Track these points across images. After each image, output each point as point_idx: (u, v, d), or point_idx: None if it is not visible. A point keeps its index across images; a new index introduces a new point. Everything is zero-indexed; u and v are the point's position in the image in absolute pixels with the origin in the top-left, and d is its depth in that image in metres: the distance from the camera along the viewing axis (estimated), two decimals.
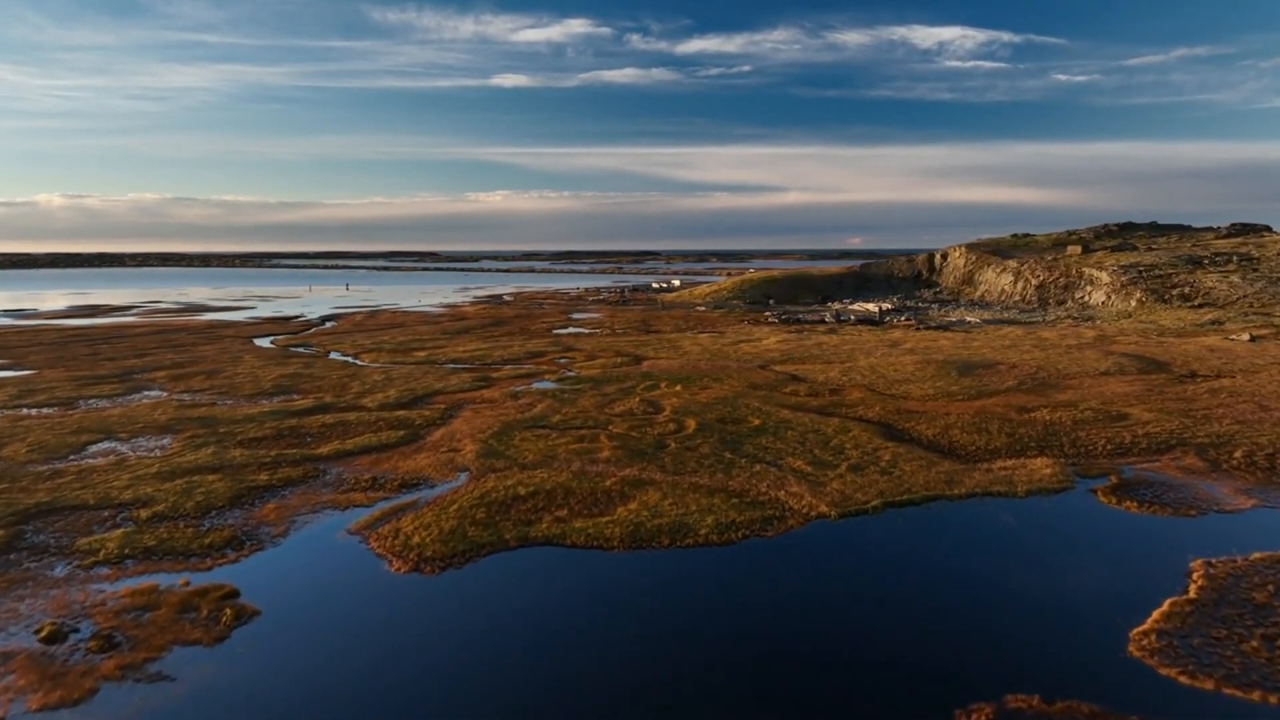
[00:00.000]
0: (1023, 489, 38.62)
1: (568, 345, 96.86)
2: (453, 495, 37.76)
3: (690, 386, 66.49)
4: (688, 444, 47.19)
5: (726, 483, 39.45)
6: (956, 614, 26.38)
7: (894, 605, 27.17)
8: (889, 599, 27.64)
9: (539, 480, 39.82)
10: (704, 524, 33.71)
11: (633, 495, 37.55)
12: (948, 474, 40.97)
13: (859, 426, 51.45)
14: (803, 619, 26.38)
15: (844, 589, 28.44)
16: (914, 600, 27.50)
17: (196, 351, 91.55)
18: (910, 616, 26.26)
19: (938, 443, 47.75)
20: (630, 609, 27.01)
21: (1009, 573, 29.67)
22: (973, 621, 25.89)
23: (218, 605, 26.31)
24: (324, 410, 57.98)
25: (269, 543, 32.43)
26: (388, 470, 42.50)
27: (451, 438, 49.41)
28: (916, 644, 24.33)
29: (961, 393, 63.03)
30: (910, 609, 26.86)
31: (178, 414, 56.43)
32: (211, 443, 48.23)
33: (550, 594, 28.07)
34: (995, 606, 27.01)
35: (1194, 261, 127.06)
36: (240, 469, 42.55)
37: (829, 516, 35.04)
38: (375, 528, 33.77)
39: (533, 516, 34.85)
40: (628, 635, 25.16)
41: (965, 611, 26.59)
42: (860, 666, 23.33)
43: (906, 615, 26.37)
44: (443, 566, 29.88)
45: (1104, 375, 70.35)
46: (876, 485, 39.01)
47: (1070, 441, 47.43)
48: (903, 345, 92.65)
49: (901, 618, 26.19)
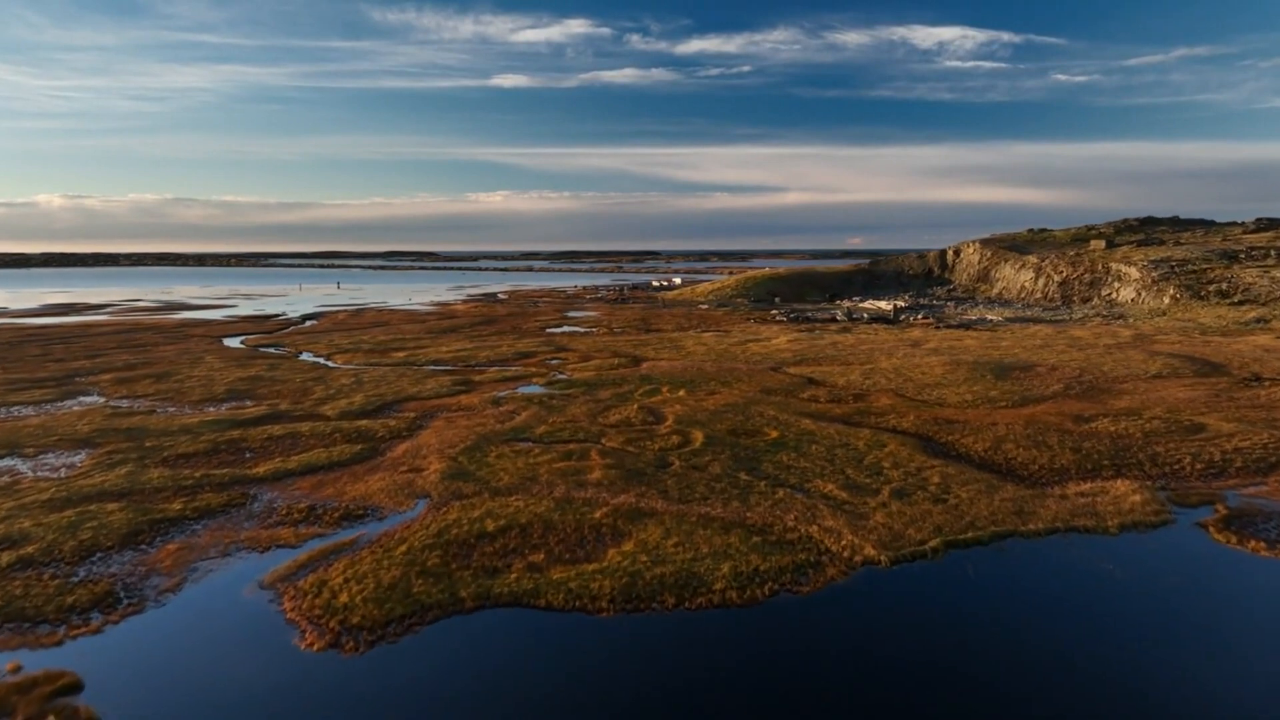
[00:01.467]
0: (1113, 523, 31.04)
1: (561, 345, 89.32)
2: (404, 531, 30.22)
3: (695, 391, 58.96)
4: (695, 462, 39.67)
5: (744, 514, 31.91)
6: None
7: (987, 700, 19.63)
8: (980, 690, 20.09)
9: (513, 511, 32.29)
10: (719, 574, 26.17)
11: (628, 532, 30.02)
12: (1015, 502, 33.42)
13: (894, 439, 43.90)
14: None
15: (914, 674, 20.89)
16: (1012, 695, 19.96)
17: (155, 352, 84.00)
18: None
19: (991, 460, 40.20)
20: (622, 707, 19.50)
21: (1135, 650, 22.10)
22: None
23: (41, 710, 18.77)
24: (275, 420, 50.43)
25: (152, 601, 24.88)
26: (330, 496, 34.95)
27: (416, 454, 41.86)
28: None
29: (1003, 398, 55.49)
30: (1011, 711, 19.32)
31: (105, 424, 48.90)
32: (130, 460, 40.71)
33: (513, 684, 20.54)
34: (1131, 707, 19.47)
35: (1229, 256, 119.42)
36: (151, 495, 35.01)
37: (878, 563, 27.48)
38: (296, 579, 26.23)
39: (500, 563, 27.30)
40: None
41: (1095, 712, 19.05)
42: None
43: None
44: (372, 640, 22.33)
45: (1157, 378, 62.85)
46: (931, 518, 31.45)
47: (1149, 459, 39.89)
48: (925, 345, 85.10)
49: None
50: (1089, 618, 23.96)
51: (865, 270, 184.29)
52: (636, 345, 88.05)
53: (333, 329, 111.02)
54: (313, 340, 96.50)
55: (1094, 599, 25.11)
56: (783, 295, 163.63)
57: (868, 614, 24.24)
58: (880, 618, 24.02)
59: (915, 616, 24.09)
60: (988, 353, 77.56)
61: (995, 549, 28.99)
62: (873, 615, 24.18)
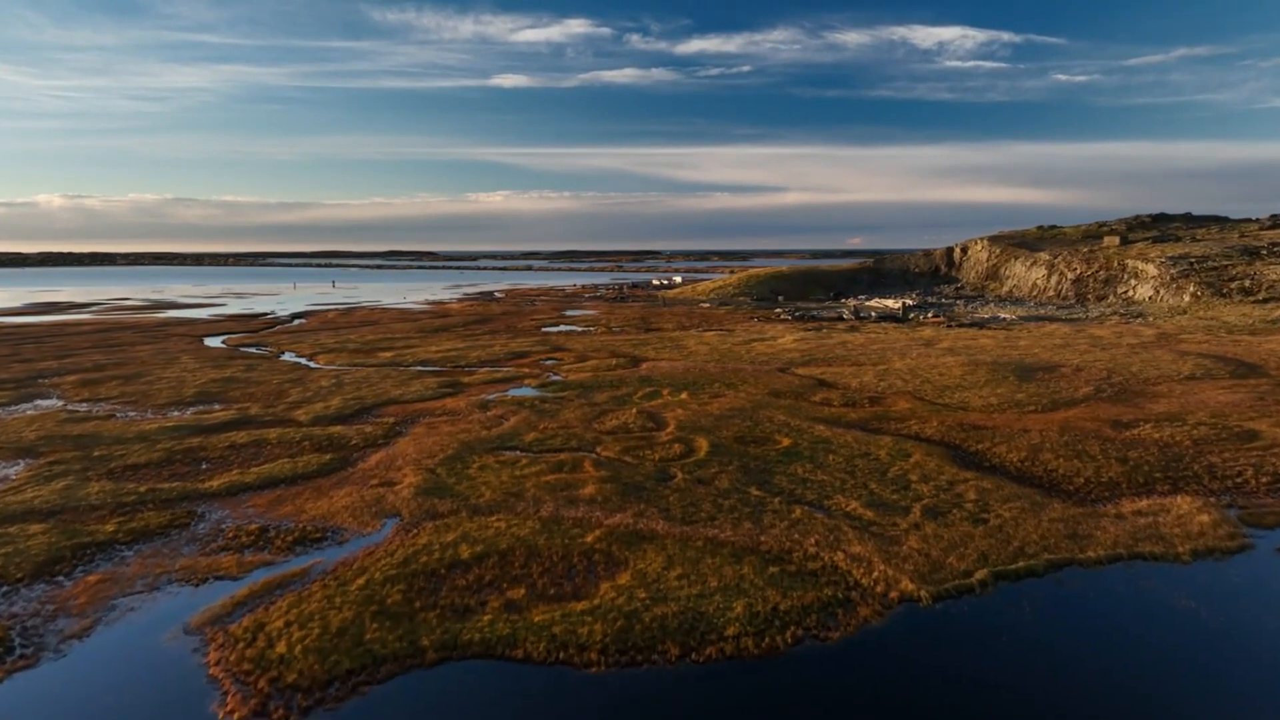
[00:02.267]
0: (1184, 549, 26.92)
1: (557, 345, 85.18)
2: (365, 559, 26.11)
3: (698, 394, 54.83)
4: (700, 474, 35.55)
5: (757, 537, 27.79)
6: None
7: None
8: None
9: (493, 534, 28.18)
10: (731, 615, 22.06)
11: (624, 560, 25.91)
12: (1066, 523, 29.29)
13: (919, 448, 39.80)
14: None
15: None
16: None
17: (130, 352, 79.85)
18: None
19: (1030, 472, 36.09)
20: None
21: (1242, 715, 18.00)
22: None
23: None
24: (242, 425, 46.32)
25: (51, 651, 20.76)
26: (287, 515, 30.83)
27: (390, 464, 37.76)
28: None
29: (1031, 402, 51.38)
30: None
31: (55, 430, 44.79)
32: (73, 472, 36.61)
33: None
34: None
35: (1250, 253, 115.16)
36: (84, 514, 30.90)
37: (918, 599, 23.36)
38: (229, 621, 22.12)
39: (473, 600, 23.18)
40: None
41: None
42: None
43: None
44: (308, 706, 18.21)
45: (1192, 380, 58.76)
46: (973, 543, 27.32)
47: (1205, 471, 35.78)
48: (939, 344, 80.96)
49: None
50: (1177, 667, 19.84)
51: (870, 268, 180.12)
52: (636, 345, 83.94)
53: (320, 328, 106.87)
54: (297, 340, 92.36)
55: (1179, 644, 20.98)
56: (786, 294, 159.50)
57: (911, 667, 20.12)
58: (926, 673, 19.89)
59: (968, 669, 19.98)
60: (1006, 352, 73.45)
61: (1052, 580, 24.87)
62: (917, 669, 20.06)
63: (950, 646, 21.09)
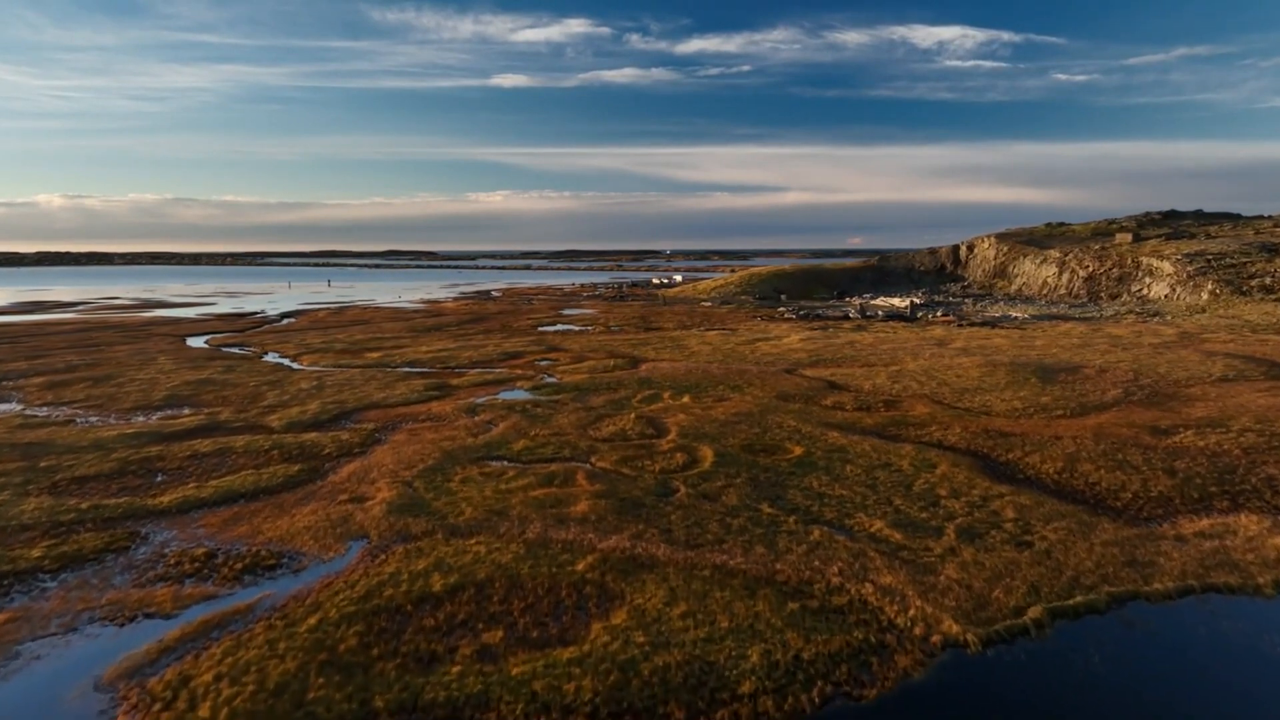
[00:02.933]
0: (1264, 580, 23.43)
1: (553, 344, 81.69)
2: (321, 592, 22.64)
3: (702, 398, 51.36)
4: (704, 488, 32.07)
5: (773, 565, 24.32)
6: None
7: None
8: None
9: (470, 560, 24.71)
10: (745, 665, 18.59)
11: (620, 593, 22.44)
12: (1120, 545, 25.82)
13: (944, 458, 36.33)
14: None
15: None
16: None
17: (107, 353, 76.34)
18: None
19: (1070, 485, 32.61)
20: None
21: None
22: None
23: None
24: (209, 432, 42.85)
25: None
26: (240, 537, 27.35)
27: (363, 477, 34.28)
28: None
29: (1058, 406, 47.92)
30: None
31: (5, 438, 41.32)
32: (11, 485, 33.14)
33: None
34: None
35: (1269, 250, 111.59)
36: (12, 536, 27.41)
37: (964, 644, 19.87)
38: (149, 673, 18.64)
39: (441, 645, 19.69)
40: None
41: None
42: None
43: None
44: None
45: (1225, 382, 55.34)
46: (1020, 572, 23.84)
47: (1265, 484, 32.30)
48: (951, 344, 77.49)
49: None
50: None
51: (874, 267, 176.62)
52: (635, 345, 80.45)
53: (309, 327, 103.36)
54: (283, 339, 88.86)
55: (1275, 697, 17.52)
56: (789, 292, 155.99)
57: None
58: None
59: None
60: (1024, 353, 70.00)
61: (1116, 619, 21.40)
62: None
63: (1009, 705, 17.61)
